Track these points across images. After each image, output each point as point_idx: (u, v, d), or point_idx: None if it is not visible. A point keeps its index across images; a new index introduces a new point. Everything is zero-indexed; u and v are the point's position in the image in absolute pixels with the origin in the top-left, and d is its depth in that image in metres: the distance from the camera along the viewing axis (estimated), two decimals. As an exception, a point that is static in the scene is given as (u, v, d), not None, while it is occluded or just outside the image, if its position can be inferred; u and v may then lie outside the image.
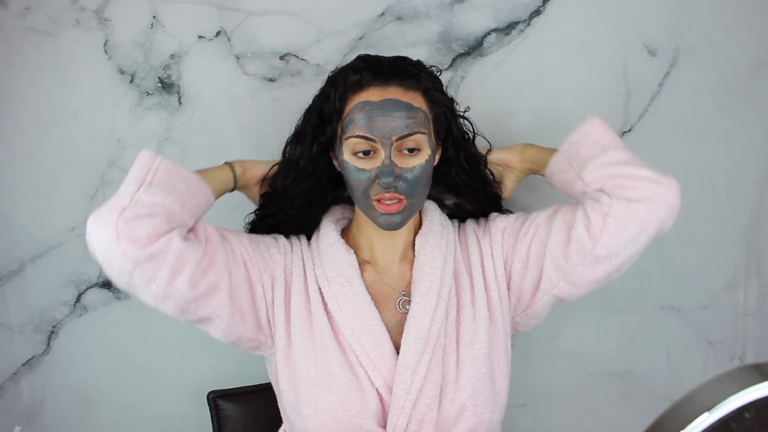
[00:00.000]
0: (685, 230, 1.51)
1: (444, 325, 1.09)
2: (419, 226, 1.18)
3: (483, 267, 1.15)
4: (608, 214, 1.04)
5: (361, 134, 1.04)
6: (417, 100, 1.07)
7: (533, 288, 1.13)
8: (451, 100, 1.14)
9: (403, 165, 1.04)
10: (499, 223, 1.18)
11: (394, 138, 1.03)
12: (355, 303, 1.09)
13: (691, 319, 1.54)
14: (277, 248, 1.13)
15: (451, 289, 1.12)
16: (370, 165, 1.05)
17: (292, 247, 1.15)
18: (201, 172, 1.10)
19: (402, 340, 1.07)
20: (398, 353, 1.07)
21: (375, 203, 1.06)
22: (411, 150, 1.05)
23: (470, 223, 1.22)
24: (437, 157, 1.15)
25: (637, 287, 1.52)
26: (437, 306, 1.09)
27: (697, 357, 1.56)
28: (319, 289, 1.12)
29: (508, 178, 1.23)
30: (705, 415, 0.47)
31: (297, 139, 1.14)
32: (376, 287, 1.14)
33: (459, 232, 1.21)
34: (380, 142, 1.03)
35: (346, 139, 1.06)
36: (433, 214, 1.18)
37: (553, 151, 1.16)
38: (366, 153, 1.05)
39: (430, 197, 1.22)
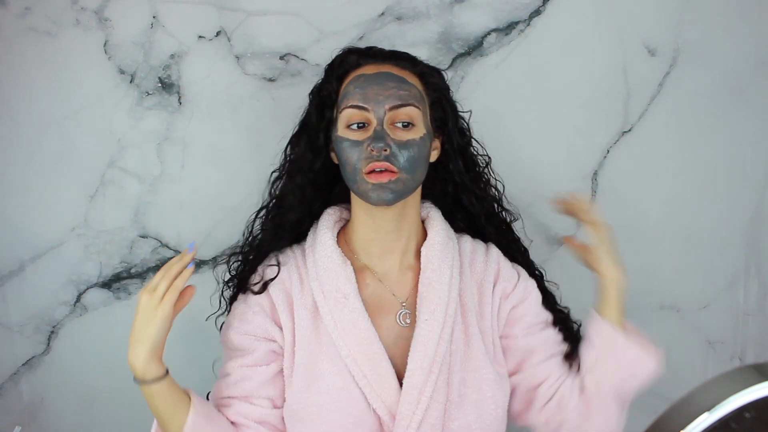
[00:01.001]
0: (685, 230, 1.51)
1: (450, 342, 1.05)
2: (424, 236, 1.13)
3: (492, 299, 1.12)
4: (557, 420, 1.09)
5: (354, 104, 1.03)
6: (412, 78, 1.06)
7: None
8: (448, 89, 1.12)
9: (396, 137, 1.01)
10: (528, 288, 1.15)
11: (387, 107, 1.01)
12: (351, 321, 1.04)
13: (691, 319, 1.54)
14: (252, 313, 1.09)
15: (457, 305, 1.08)
16: (363, 136, 1.02)
17: (268, 291, 1.10)
18: (160, 417, 1.05)
19: (409, 358, 1.03)
20: (396, 372, 1.03)
21: (366, 176, 1.01)
22: (405, 125, 1.02)
23: (495, 251, 1.17)
24: (435, 152, 1.11)
25: (637, 287, 1.52)
26: (444, 323, 1.05)
27: (697, 357, 1.56)
28: (315, 303, 1.08)
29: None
30: (705, 415, 0.47)
31: (300, 132, 1.13)
32: (376, 297, 1.09)
33: (478, 250, 1.16)
34: (373, 111, 1.01)
35: (341, 112, 1.05)
36: (440, 225, 1.12)
37: (618, 316, 1.13)
38: (360, 126, 1.03)
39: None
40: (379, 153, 1.00)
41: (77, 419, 1.47)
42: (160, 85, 1.37)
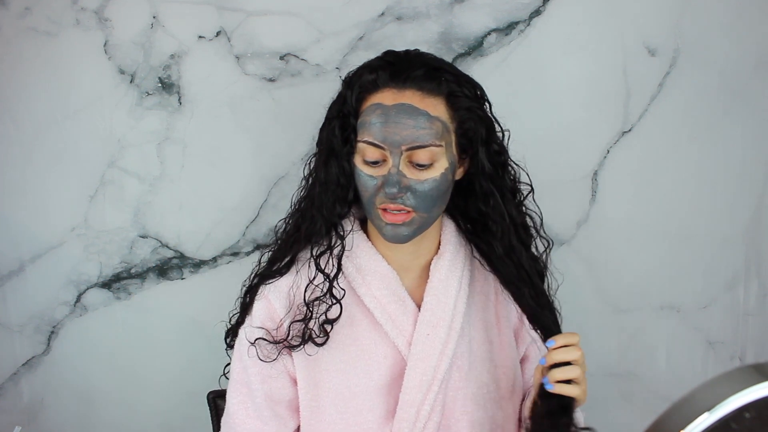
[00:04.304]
0: (685, 230, 1.51)
1: (452, 359, 1.03)
2: (437, 246, 1.07)
3: (508, 311, 1.10)
4: None
5: (370, 140, 0.96)
6: (436, 107, 0.96)
7: None
8: (480, 107, 1.00)
9: (413, 176, 0.95)
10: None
11: (404, 148, 0.94)
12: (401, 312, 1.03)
13: (691, 319, 1.54)
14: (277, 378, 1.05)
15: (463, 319, 1.04)
16: (378, 172, 0.96)
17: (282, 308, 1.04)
18: None
19: (406, 375, 1.01)
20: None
21: (380, 212, 0.97)
22: (422, 165, 0.95)
23: None
24: (461, 170, 1.03)
25: (637, 287, 1.52)
26: (448, 338, 1.02)
27: (697, 357, 1.56)
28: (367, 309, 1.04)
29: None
30: (705, 415, 0.47)
31: (328, 156, 1.01)
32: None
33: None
34: (389, 150, 0.94)
35: (357, 142, 0.98)
36: (452, 238, 1.07)
37: None
38: (375, 162, 0.96)
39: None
40: (392, 197, 0.95)
41: (77, 419, 1.47)
42: (160, 85, 1.37)
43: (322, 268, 1.02)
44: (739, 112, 1.47)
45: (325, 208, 1.01)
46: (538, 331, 1.02)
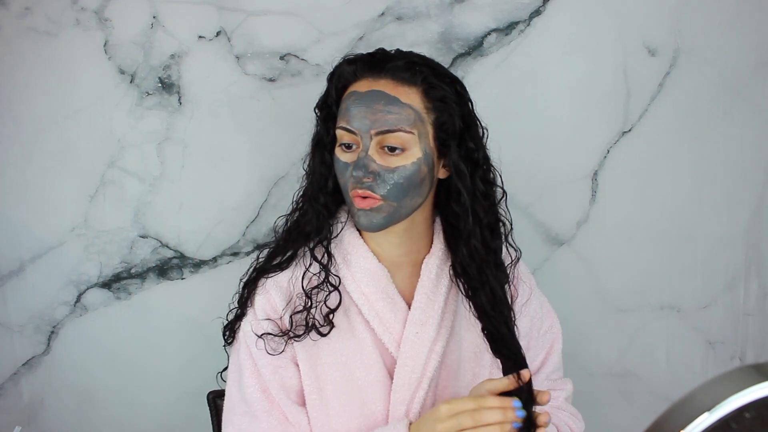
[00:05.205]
0: (685, 230, 1.51)
1: (441, 356, 1.03)
2: (430, 245, 1.08)
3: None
4: None
5: (342, 125, 0.98)
6: (410, 96, 0.97)
7: None
8: (460, 102, 1.01)
9: (383, 163, 0.96)
10: (538, 304, 1.12)
11: (372, 132, 0.96)
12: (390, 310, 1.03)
13: (691, 319, 1.54)
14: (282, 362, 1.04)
15: (454, 318, 1.05)
16: (351, 159, 0.98)
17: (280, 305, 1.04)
18: None
19: (395, 374, 1.02)
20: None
21: (353, 199, 0.98)
22: (393, 149, 0.96)
23: (522, 266, 1.12)
24: (442, 169, 1.02)
25: (637, 287, 1.52)
26: (438, 336, 1.02)
27: (697, 357, 1.56)
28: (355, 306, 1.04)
29: None
30: (705, 415, 0.47)
31: (314, 148, 1.06)
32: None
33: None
34: (360, 135, 0.96)
35: (336, 129, 1.00)
36: (443, 236, 1.08)
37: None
38: (348, 146, 0.98)
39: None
40: (358, 180, 0.96)
41: (77, 419, 1.47)
42: (160, 85, 1.37)
43: (318, 258, 1.03)
44: (739, 112, 1.47)
45: (312, 199, 1.05)
46: (487, 343, 1.00)
